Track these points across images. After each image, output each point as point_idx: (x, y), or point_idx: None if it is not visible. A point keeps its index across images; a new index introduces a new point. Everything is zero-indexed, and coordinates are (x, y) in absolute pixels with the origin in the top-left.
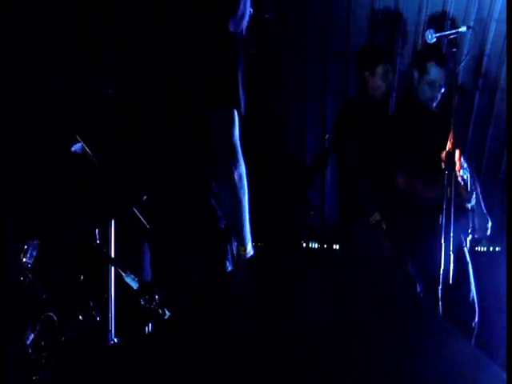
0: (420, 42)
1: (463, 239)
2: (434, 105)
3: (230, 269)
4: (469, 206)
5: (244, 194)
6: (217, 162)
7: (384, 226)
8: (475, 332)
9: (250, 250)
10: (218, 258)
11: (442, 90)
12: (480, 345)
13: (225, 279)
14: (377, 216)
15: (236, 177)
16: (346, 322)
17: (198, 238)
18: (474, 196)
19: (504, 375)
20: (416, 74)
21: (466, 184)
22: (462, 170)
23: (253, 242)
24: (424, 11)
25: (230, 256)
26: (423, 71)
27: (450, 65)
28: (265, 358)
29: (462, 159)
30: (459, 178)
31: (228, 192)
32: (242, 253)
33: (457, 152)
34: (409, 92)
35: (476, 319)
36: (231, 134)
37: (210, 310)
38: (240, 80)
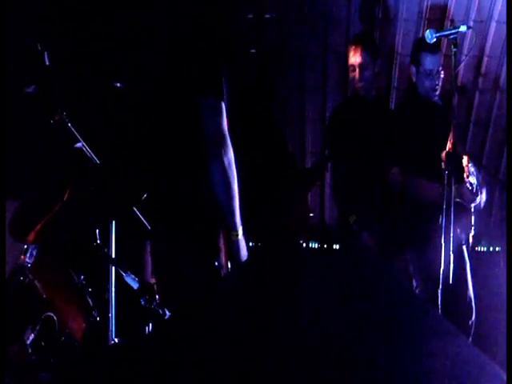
0: None
1: (463, 238)
2: (437, 93)
3: (221, 257)
4: (472, 206)
5: (234, 180)
6: (208, 149)
7: (358, 226)
8: (472, 331)
9: (241, 235)
10: (212, 246)
11: (442, 76)
12: (477, 344)
13: (224, 279)
14: (354, 216)
15: (226, 162)
16: (346, 323)
17: (196, 231)
18: (478, 197)
19: (504, 375)
20: (414, 70)
21: (472, 189)
22: (470, 176)
23: (246, 232)
24: (424, 11)
25: (221, 242)
26: (418, 64)
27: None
28: (264, 358)
29: (469, 165)
30: (467, 184)
31: (219, 177)
32: (233, 238)
33: (465, 158)
34: (410, 89)
35: (473, 318)
36: (219, 123)
37: (209, 310)
38: (225, 75)
